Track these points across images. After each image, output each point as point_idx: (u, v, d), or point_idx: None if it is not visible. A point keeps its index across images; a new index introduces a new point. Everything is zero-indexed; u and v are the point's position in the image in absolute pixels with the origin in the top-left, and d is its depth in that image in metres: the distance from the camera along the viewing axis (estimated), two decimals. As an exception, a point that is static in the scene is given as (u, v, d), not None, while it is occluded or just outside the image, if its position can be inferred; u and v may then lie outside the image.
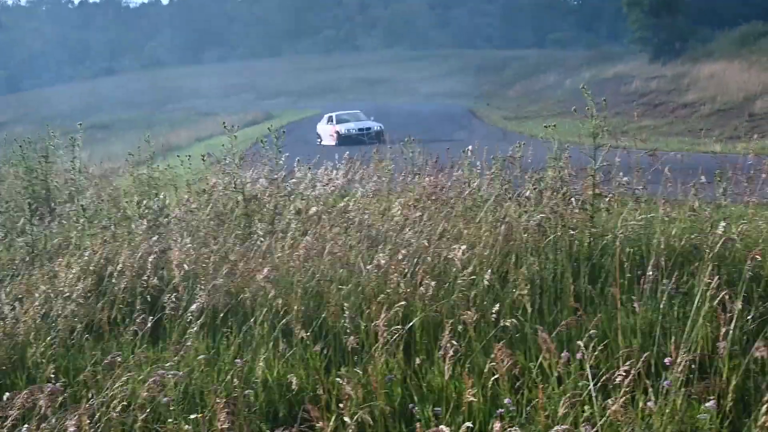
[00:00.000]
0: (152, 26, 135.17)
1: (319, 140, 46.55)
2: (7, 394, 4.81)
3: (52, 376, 5.70)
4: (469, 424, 4.23)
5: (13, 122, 71.30)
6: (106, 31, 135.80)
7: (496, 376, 4.99)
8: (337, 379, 5.05)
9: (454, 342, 5.06)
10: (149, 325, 6.48)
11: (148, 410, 5.02)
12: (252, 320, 6.42)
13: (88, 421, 4.62)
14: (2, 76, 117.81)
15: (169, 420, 4.99)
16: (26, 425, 4.62)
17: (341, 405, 4.65)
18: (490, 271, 6.24)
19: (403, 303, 5.82)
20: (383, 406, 5.03)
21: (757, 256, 5.38)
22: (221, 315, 6.65)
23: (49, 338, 6.43)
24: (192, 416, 4.92)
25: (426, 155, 12.03)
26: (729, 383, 4.94)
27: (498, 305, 5.55)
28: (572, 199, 7.43)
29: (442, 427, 4.01)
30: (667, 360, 4.93)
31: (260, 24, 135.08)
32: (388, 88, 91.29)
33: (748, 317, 5.70)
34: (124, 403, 5.00)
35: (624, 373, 4.61)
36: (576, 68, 74.16)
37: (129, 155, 14.38)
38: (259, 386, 5.59)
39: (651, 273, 6.04)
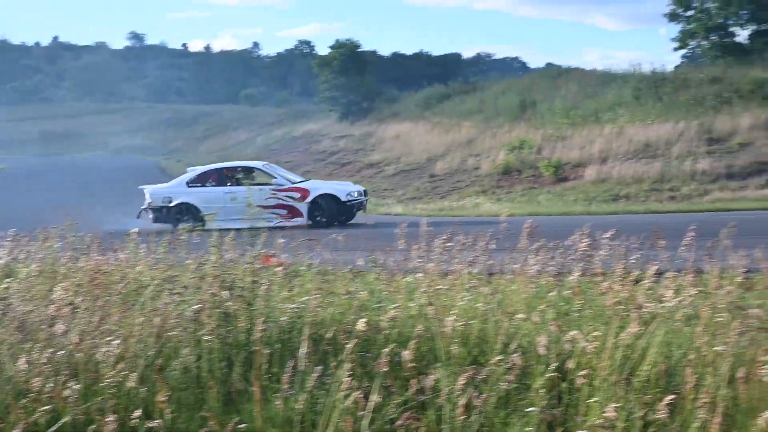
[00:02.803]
0: None
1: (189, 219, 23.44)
2: None
3: None
4: None
5: None
6: None
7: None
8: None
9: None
10: None
11: None
12: None
13: None
14: None
15: None
16: None
17: None
18: (138, 370, 6.18)
19: (47, 407, 5.65)
20: None
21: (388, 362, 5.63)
22: None
23: None
24: None
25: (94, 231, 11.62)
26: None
27: (140, 410, 5.49)
28: (231, 286, 7.48)
29: None
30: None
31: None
32: (77, 141, 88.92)
33: (390, 406, 5.92)
34: None
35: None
36: (268, 125, 75.38)
37: None
38: None
39: (298, 363, 6.17)
